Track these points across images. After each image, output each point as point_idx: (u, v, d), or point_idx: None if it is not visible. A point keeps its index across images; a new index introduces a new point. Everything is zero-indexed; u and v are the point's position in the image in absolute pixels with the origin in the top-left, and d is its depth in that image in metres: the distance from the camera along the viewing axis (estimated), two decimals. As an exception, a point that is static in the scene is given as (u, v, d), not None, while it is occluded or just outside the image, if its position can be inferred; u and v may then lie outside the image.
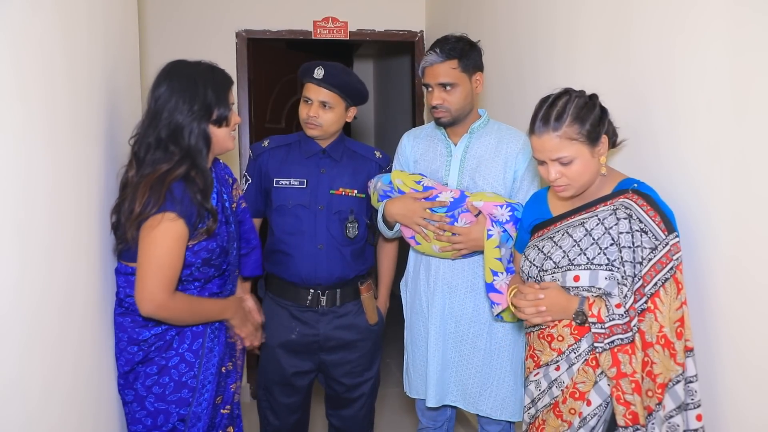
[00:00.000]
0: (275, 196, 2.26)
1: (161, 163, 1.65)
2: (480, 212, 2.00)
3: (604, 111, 1.59)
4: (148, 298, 1.61)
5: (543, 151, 1.57)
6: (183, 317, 1.69)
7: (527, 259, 1.70)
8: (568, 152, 1.54)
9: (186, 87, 1.69)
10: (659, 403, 1.45)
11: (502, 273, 1.94)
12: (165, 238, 1.60)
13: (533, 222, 1.77)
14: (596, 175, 1.60)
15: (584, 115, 1.54)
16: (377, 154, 2.39)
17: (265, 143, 2.34)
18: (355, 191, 2.29)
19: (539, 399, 1.65)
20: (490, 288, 1.96)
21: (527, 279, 1.70)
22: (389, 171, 2.37)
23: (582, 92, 1.59)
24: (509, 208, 1.95)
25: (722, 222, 1.45)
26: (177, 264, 1.64)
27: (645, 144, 1.69)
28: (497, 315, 1.99)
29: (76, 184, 1.51)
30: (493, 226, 1.96)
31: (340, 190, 2.27)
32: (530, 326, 1.69)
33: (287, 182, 2.26)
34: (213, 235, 1.72)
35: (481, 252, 2.03)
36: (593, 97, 1.59)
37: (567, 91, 1.59)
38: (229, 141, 1.79)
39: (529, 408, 1.68)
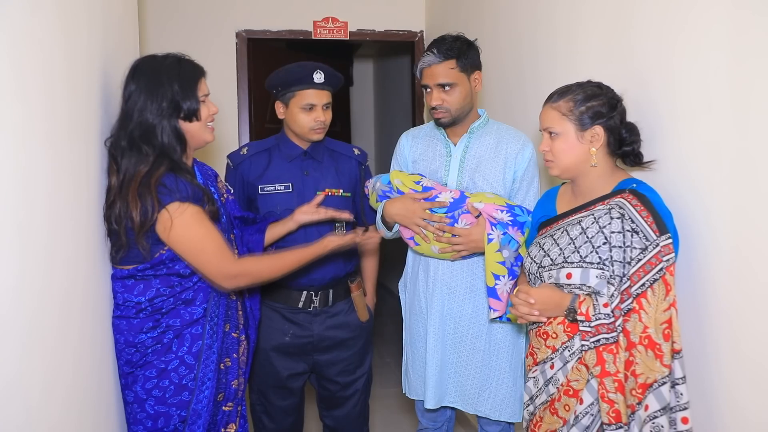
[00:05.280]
0: (262, 203, 2.24)
1: (138, 166, 1.63)
2: (480, 214, 2.00)
3: (612, 109, 1.61)
4: (220, 277, 1.68)
5: (540, 120, 1.67)
6: (266, 274, 1.77)
7: (529, 255, 1.73)
8: (555, 125, 1.62)
9: (152, 85, 1.67)
10: (639, 403, 1.46)
11: (504, 276, 1.95)
12: (187, 225, 1.62)
13: (540, 219, 1.80)
14: (583, 164, 1.62)
15: (584, 99, 1.60)
16: (356, 151, 2.40)
17: (244, 151, 2.30)
18: (341, 191, 2.29)
19: (537, 396, 1.67)
20: (491, 292, 1.96)
21: (528, 275, 1.74)
22: (367, 167, 2.40)
23: (610, 90, 1.64)
24: (509, 213, 1.95)
25: (723, 222, 1.45)
26: (215, 234, 1.67)
27: (646, 144, 1.69)
28: (493, 319, 2.00)
29: (75, 184, 1.51)
30: (493, 229, 1.95)
31: (327, 191, 2.26)
32: (530, 324, 1.72)
33: (272, 188, 2.24)
34: (217, 219, 1.72)
35: (481, 253, 2.03)
36: (609, 93, 1.63)
37: (597, 84, 1.65)
38: (206, 133, 1.76)
39: (528, 405, 1.71)
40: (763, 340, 1.35)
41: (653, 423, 1.45)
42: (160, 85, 1.67)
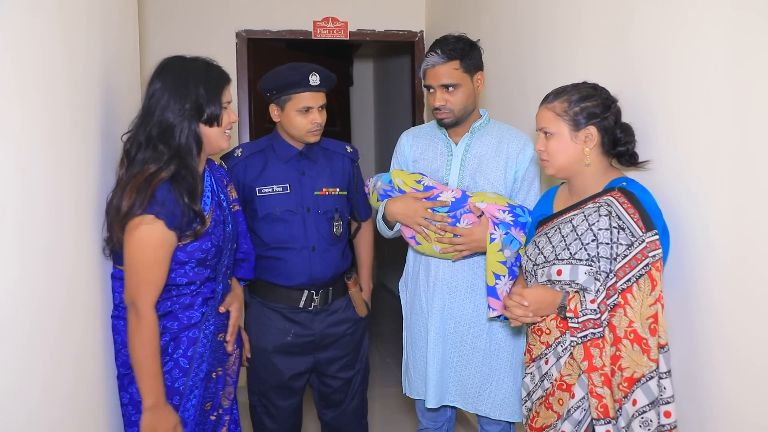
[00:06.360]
0: (260, 205, 2.22)
1: (150, 162, 1.63)
2: (483, 213, 1.99)
3: (606, 109, 1.63)
4: (129, 302, 1.62)
5: (536, 120, 1.70)
6: (134, 345, 1.61)
7: (526, 253, 1.77)
8: (550, 125, 1.65)
9: (178, 85, 1.67)
10: (626, 397, 1.48)
11: (504, 276, 1.95)
12: (144, 243, 1.59)
13: (537, 218, 1.82)
14: (577, 164, 1.65)
15: (579, 100, 1.62)
16: (348, 148, 2.40)
17: (238, 152, 2.27)
18: (337, 189, 2.29)
19: (533, 392, 1.70)
20: (491, 292, 1.96)
21: (525, 273, 1.77)
22: (359, 165, 2.40)
23: (604, 91, 1.66)
24: (511, 214, 1.95)
25: (721, 221, 1.45)
26: (159, 269, 1.63)
27: (646, 144, 1.69)
28: (493, 318, 2.01)
29: (75, 184, 1.51)
30: (495, 229, 1.96)
31: (324, 190, 2.26)
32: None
33: (270, 189, 2.22)
34: (206, 235, 1.70)
35: (483, 253, 2.03)
36: (603, 94, 1.64)
37: (592, 85, 1.67)
38: (222, 140, 1.76)
39: (526, 401, 1.74)
40: (762, 339, 1.35)
41: (642, 417, 1.47)
42: (186, 87, 1.67)
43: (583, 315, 1.53)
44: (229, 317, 1.88)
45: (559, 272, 1.60)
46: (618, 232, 1.52)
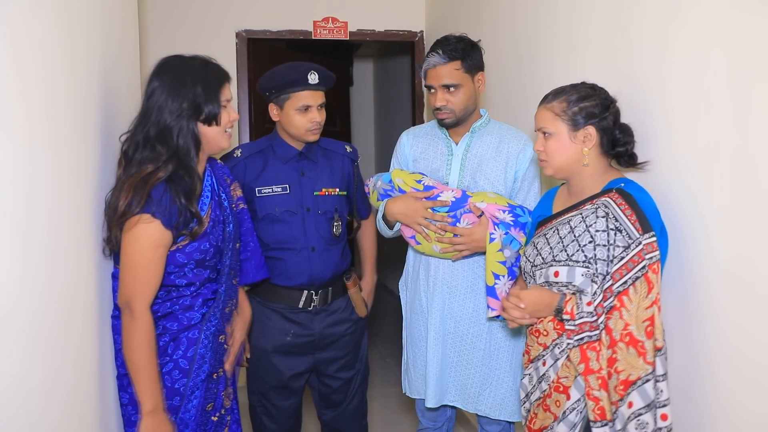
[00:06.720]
0: (260, 205, 2.22)
1: (148, 162, 1.62)
2: (483, 213, 2.00)
3: (605, 110, 1.62)
4: (124, 302, 1.62)
5: (535, 120, 1.70)
6: (129, 345, 1.60)
7: (524, 254, 1.76)
8: (548, 125, 1.65)
9: (176, 84, 1.65)
10: (621, 399, 1.48)
11: (504, 276, 1.95)
12: (141, 242, 1.58)
13: (537, 219, 1.82)
14: (575, 164, 1.64)
15: (578, 100, 1.62)
16: (348, 148, 2.40)
17: (237, 153, 2.27)
18: (337, 190, 2.30)
19: (532, 393, 1.70)
20: (490, 291, 1.96)
21: (524, 274, 1.77)
22: (358, 164, 2.40)
23: (603, 91, 1.65)
24: (511, 214, 1.95)
25: (721, 221, 1.45)
26: (155, 269, 1.61)
27: (645, 145, 1.69)
28: (493, 317, 2.01)
29: (75, 184, 1.51)
30: (495, 229, 1.96)
31: (324, 190, 2.27)
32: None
33: (270, 190, 2.22)
34: (204, 235, 1.69)
35: (483, 253, 2.03)
36: (602, 94, 1.64)
37: (591, 85, 1.67)
38: (223, 139, 1.74)
39: (524, 402, 1.74)
40: (762, 339, 1.35)
41: (638, 420, 1.47)
42: (183, 86, 1.65)
43: (580, 317, 1.53)
44: (231, 318, 1.87)
45: (556, 274, 1.60)
46: (615, 234, 1.51)
